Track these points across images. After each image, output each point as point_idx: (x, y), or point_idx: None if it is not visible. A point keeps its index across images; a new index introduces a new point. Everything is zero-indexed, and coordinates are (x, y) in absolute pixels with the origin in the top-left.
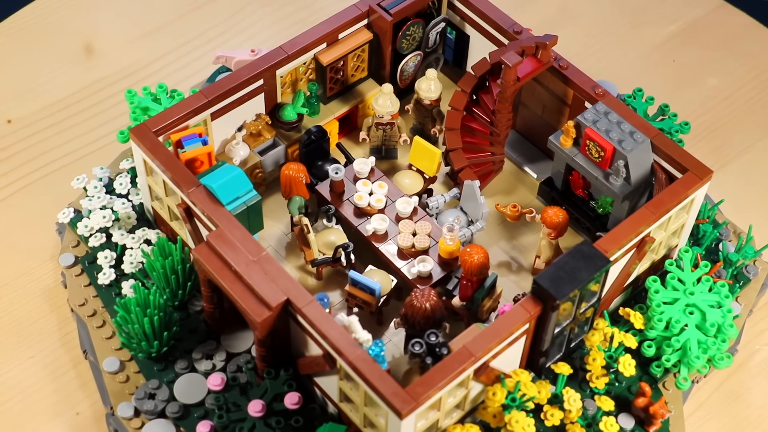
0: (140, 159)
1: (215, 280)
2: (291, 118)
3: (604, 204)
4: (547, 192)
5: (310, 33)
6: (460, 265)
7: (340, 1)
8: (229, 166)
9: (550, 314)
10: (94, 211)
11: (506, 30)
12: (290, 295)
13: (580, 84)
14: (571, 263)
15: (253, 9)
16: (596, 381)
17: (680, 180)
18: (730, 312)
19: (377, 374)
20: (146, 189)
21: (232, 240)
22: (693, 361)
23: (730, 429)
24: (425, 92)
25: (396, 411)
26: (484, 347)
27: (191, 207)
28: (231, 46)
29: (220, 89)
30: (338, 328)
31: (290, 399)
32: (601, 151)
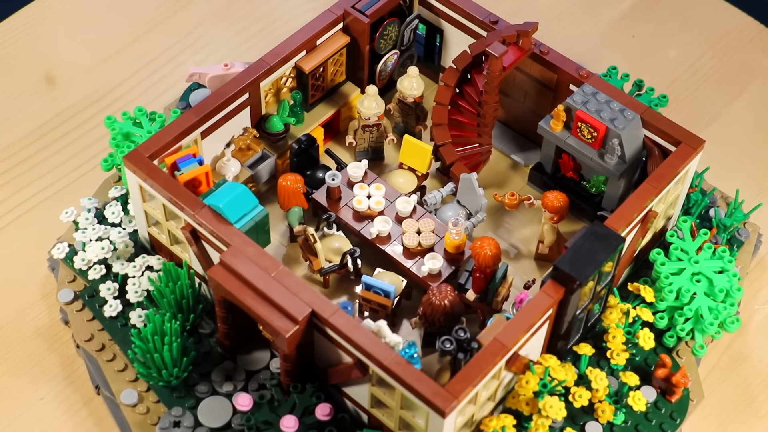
0: (135, 186)
1: (234, 299)
2: (278, 129)
3: (597, 183)
4: (538, 177)
5: (290, 42)
6: (471, 258)
7: (293, 11)
8: (232, 184)
9: (572, 297)
10: (90, 243)
11: (482, 21)
12: (315, 306)
13: (563, 67)
14: (587, 245)
15: (210, 24)
16: (617, 358)
17: (676, 152)
18: (735, 276)
19: (415, 376)
20: (142, 216)
21: (247, 257)
22: (707, 327)
23: (743, 389)
24: (408, 90)
25: (439, 410)
26: (515, 337)
27: (197, 229)
28: (193, 62)
29: (208, 107)
30: (368, 335)
31: (322, 410)
32: (594, 131)
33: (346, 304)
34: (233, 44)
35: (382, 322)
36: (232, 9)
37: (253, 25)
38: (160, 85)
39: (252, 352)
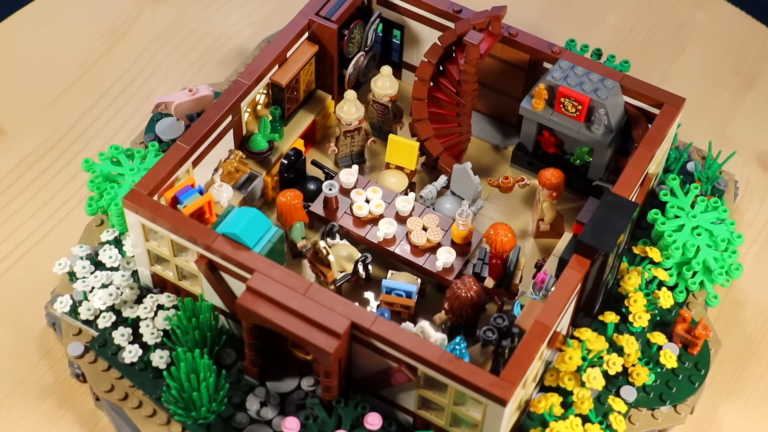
0: (137, 225)
1: (269, 324)
2: (263, 147)
3: (581, 155)
4: (521, 157)
5: (263, 58)
6: (480, 246)
7: (234, 28)
8: (243, 209)
9: (597, 269)
10: (93, 292)
11: (446, 11)
12: (353, 318)
13: (535, 46)
14: (604, 215)
15: (153, 51)
16: (639, 320)
17: (662, 113)
18: (733, 224)
19: (468, 370)
20: (144, 255)
21: (274, 280)
22: (716, 277)
23: (750, 331)
24: (383, 90)
25: (499, 400)
26: (555, 316)
27: (214, 260)
28: (146, 91)
29: (197, 134)
30: (413, 337)
31: (372, 420)
32: (578, 105)
33: (382, 311)
34: (182, 68)
35: (425, 322)
36: (172, 33)
37: (198, 46)
38: (117, 119)
39: (280, 374)
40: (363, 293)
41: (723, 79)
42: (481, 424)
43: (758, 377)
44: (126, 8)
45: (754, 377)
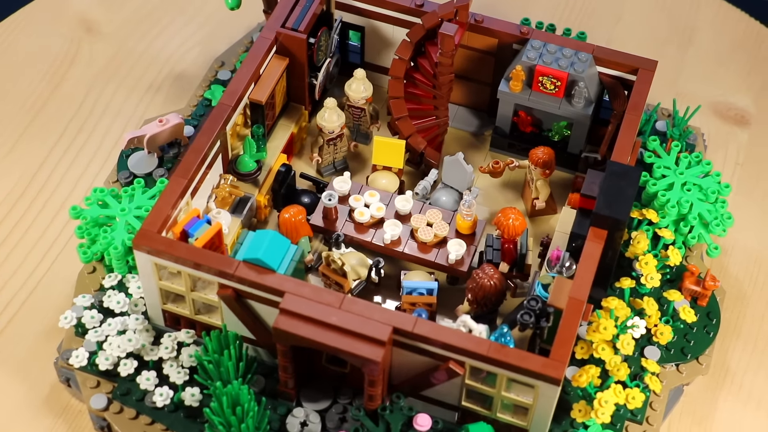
0: (148, 265)
1: (309, 343)
2: (252, 168)
3: (559, 130)
4: (500, 140)
5: (239, 78)
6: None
7: (179, 51)
8: (260, 233)
9: (616, 238)
10: (108, 341)
11: (408, 7)
12: (394, 323)
13: (504, 30)
14: (613, 186)
15: (101, 86)
16: (651, 281)
17: (639, 78)
18: (718, 175)
19: (518, 356)
20: (156, 295)
21: (307, 298)
22: (714, 228)
23: (740, 278)
24: (358, 93)
25: (553, 380)
26: (586, 290)
27: (238, 288)
28: (102, 129)
29: (192, 164)
30: (457, 333)
31: (422, 421)
32: (557, 81)
33: (419, 311)
34: (134, 100)
35: (465, 316)
36: (115, 66)
37: (145, 76)
38: (80, 160)
39: (313, 391)
40: (372, 297)
41: (663, 38)
42: (533, 406)
43: (761, 319)
44: (61, 47)
45: (757, 320)
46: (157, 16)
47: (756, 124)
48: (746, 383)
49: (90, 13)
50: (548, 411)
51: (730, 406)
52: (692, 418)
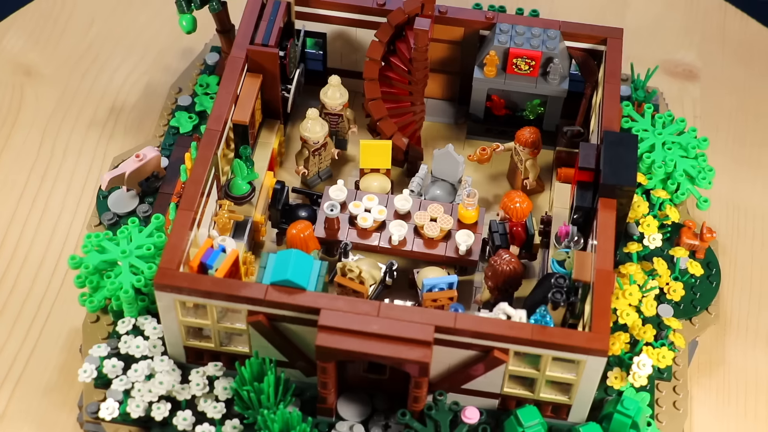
0: (170, 304)
1: (354, 355)
2: (246, 190)
3: (533, 108)
4: (476, 127)
5: (221, 102)
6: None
7: (127, 83)
8: (282, 253)
9: (625, 206)
10: (136, 387)
11: (370, 7)
12: (435, 322)
13: (469, 18)
14: (614, 154)
15: (55, 129)
16: (653, 241)
17: (610, 47)
18: (694, 130)
19: (561, 334)
20: (177, 332)
21: (344, 312)
22: (700, 182)
23: (721, 227)
24: (334, 99)
25: (600, 351)
26: (610, 260)
27: (269, 312)
28: (67, 171)
29: (194, 195)
30: (498, 322)
31: (470, 414)
32: (531, 61)
33: (456, 306)
34: (93, 138)
35: (503, 303)
36: (65, 107)
37: (98, 112)
38: (53, 207)
39: (350, 403)
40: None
41: (601, 5)
42: (577, 382)
43: (751, 261)
44: (4, 95)
45: (748, 262)
46: (95, 52)
47: (704, 76)
48: (751, 325)
49: (24, 56)
50: (593, 384)
51: (742, 349)
52: (710, 367)
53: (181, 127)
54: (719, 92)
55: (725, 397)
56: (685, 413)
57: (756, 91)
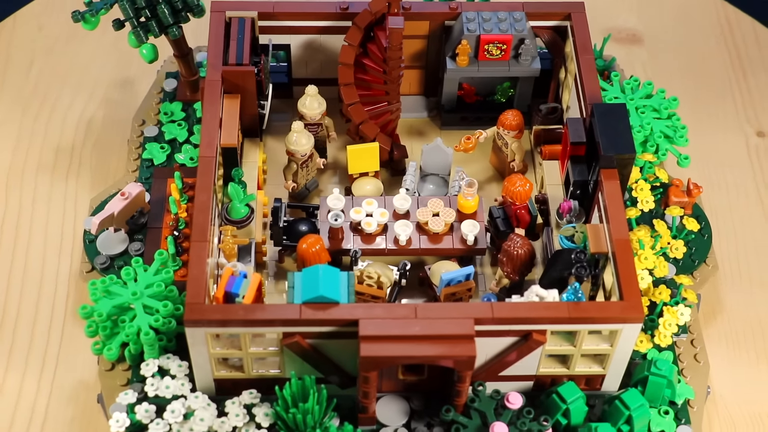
0: (201, 339)
1: (400, 360)
2: (245, 213)
3: (504, 91)
4: (450, 117)
5: (209, 128)
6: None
7: (83, 116)
8: (309, 271)
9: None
10: (173, 429)
11: (333, 12)
12: (473, 314)
13: (434, 11)
14: (608, 124)
15: (17, 177)
16: (647, 204)
17: (575, 22)
18: (662, 92)
19: (597, 308)
20: (207, 366)
21: (382, 318)
22: (678, 140)
23: (698, 175)
24: (313, 109)
25: (635, 318)
26: (625, 228)
27: (304, 331)
28: (41, 220)
29: (204, 225)
30: (534, 305)
31: (513, 399)
32: (502, 45)
33: (488, 296)
34: (60, 182)
35: (535, 286)
36: (23, 152)
37: (60, 154)
38: (34, 259)
39: (388, 408)
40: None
41: None
42: (612, 351)
43: (729, 208)
44: None
45: (726, 210)
46: (42, 93)
47: (648, 39)
48: (744, 272)
49: None
50: (628, 351)
51: (740, 295)
52: (714, 317)
53: (155, 158)
54: (665, 53)
55: (734, 344)
56: (705, 365)
57: (698, 48)
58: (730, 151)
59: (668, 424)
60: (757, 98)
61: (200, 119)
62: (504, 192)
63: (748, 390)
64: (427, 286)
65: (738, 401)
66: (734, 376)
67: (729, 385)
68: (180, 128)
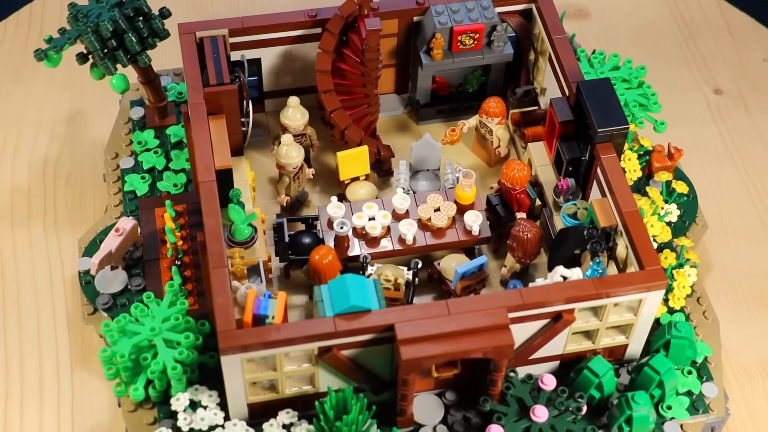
0: (236, 366)
1: (441, 358)
2: (249, 233)
3: (475, 80)
4: (426, 112)
5: (202, 152)
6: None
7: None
8: (336, 282)
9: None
10: None
11: (302, 21)
12: (505, 303)
13: (403, 8)
14: (596, 102)
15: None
16: (634, 173)
17: (544, 4)
18: (629, 62)
19: (623, 280)
20: (242, 391)
21: (417, 320)
22: (651, 106)
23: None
24: (297, 120)
25: (659, 285)
26: (632, 200)
27: (339, 343)
28: (26, 274)
29: (220, 251)
30: (561, 285)
31: (547, 380)
32: (475, 35)
33: (514, 283)
34: (39, 230)
35: (559, 267)
36: None
37: (32, 199)
38: (27, 312)
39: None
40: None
41: None
42: (636, 320)
43: (701, 169)
44: None
45: (701, 171)
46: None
47: (594, 12)
48: (728, 226)
49: None
50: (651, 318)
51: (728, 249)
52: (710, 273)
53: (137, 189)
54: (614, 25)
55: (734, 298)
56: (715, 321)
57: (644, 16)
58: (693, 112)
59: (693, 383)
60: (709, 59)
61: (175, 144)
62: (503, 178)
63: (756, 340)
64: (438, 282)
65: (748, 352)
66: (740, 329)
67: (736, 338)
68: (157, 156)
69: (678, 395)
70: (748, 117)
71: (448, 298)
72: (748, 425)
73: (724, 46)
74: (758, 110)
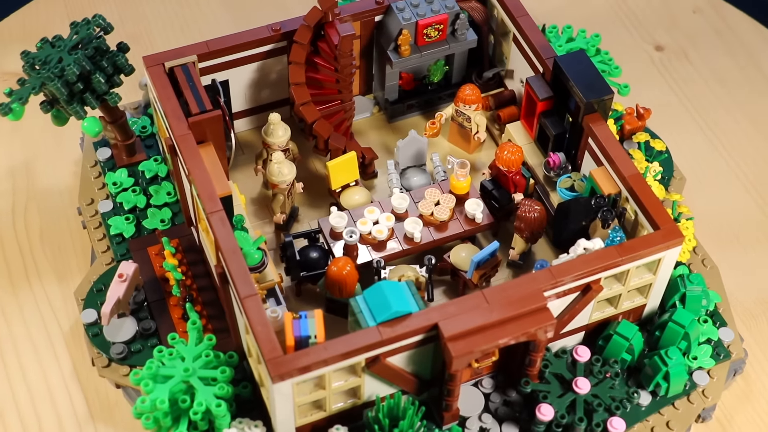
0: (287, 391)
1: (489, 349)
2: (260, 257)
3: (438, 70)
4: (397, 108)
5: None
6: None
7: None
8: (372, 291)
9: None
10: None
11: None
12: (537, 285)
13: (364, 10)
14: (577, 74)
15: None
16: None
17: None
18: (583, 31)
19: (643, 242)
20: (292, 416)
21: (460, 315)
22: (614, 71)
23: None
24: (279, 137)
25: (677, 241)
26: (631, 165)
27: (384, 351)
28: (25, 339)
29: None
30: (586, 258)
31: (582, 351)
32: (439, 26)
33: (541, 263)
34: (26, 294)
35: (581, 240)
36: None
37: (10, 260)
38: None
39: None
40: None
41: None
42: (655, 279)
43: (663, 123)
44: None
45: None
46: None
47: None
48: (699, 176)
49: None
50: (668, 275)
51: (709, 198)
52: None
53: (125, 231)
54: None
55: (721, 242)
56: (714, 268)
57: None
58: (640, 71)
59: (711, 330)
60: (642, 17)
61: (151, 179)
62: (498, 162)
63: (750, 279)
64: (450, 274)
65: (746, 291)
66: (734, 271)
67: (733, 281)
68: (135, 195)
69: (700, 345)
70: (692, 68)
71: (463, 289)
72: (762, 361)
73: (653, 2)
74: (700, 61)
